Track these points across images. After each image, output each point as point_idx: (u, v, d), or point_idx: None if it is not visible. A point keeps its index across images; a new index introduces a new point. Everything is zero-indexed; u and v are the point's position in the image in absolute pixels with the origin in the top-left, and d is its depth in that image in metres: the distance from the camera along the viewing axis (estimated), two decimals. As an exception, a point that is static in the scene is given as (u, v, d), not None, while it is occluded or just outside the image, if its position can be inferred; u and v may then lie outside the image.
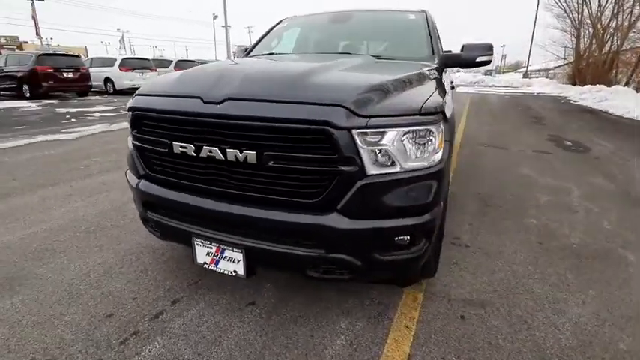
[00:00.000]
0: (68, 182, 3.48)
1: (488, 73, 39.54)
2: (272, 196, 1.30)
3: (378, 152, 1.23)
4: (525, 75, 32.47)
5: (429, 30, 2.33)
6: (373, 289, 1.83)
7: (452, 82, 3.80)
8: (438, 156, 1.36)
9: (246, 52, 2.71)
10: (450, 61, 2.27)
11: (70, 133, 6.01)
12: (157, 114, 1.40)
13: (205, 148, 1.31)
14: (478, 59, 2.27)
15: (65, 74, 10.44)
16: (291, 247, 1.31)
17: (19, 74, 10.42)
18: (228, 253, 1.41)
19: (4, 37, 33.06)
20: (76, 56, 12.35)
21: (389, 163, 1.25)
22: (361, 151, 1.20)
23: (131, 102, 1.52)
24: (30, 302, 1.71)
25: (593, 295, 1.85)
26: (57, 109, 8.95)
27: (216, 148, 1.29)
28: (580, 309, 1.74)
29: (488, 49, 2.31)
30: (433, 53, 2.18)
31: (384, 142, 1.23)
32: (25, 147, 4.96)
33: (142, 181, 1.60)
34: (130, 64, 13.23)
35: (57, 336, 1.50)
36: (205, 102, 1.29)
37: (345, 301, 1.75)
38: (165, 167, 1.49)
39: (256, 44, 2.72)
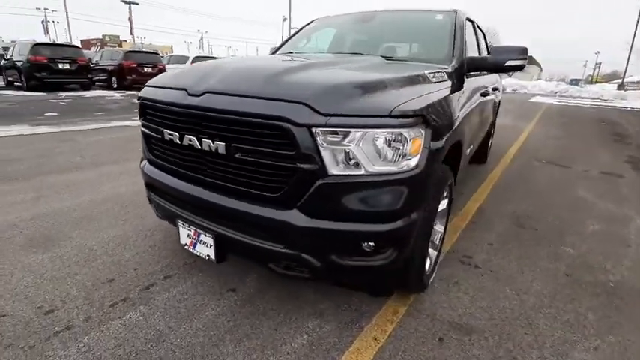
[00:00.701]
0: (124, 162, 3.95)
1: (574, 82, 35.10)
2: (239, 187, 1.35)
3: (340, 152, 1.21)
4: (620, 86, 28.14)
5: (453, 31, 2.18)
6: (354, 295, 1.78)
7: (494, 88, 3.50)
8: (413, 162, 1.28)
9: (274, 51, 2.81)
10: (475, 64, 2.10)
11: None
12: (155, 103, 1.54)
13: (186, 136, 1.41)
14: (508, 63, 2.07)
15: (145, 69, 11.82)
16: (254, 239, 1.35)
17: (110, 68, 12.06)
18: (202, 237, 1.49)
19: (107, 35, 38.41)
20: (155, 53, 13.86)
21: (352, 165, 1.22)
22: (321, 149, 1.18)
23: (140, 92, 1.69)
24: (55, 259, 2.00)
25: (611, 342, 1.57)
26: (134, 100, 10.20)
27: (194, 138, 1.38)
28: (587, 355, 1.49)
29: (521, 52, 2.09)
30: (452, 55, 2.04)
31: (347, 142, 1.19)
32: (98, 130, 5.75)
33: (146, 164, 1.77)
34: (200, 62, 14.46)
35: (64, 291, 1.74)
36: (189, 94, 1.39)
37: (321, 302, 1.73)
38: (160, 152, 1.63)
39: (283, 44, 2.81)
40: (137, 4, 29.05)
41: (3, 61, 11.85)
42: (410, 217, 1.32)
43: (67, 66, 10.25)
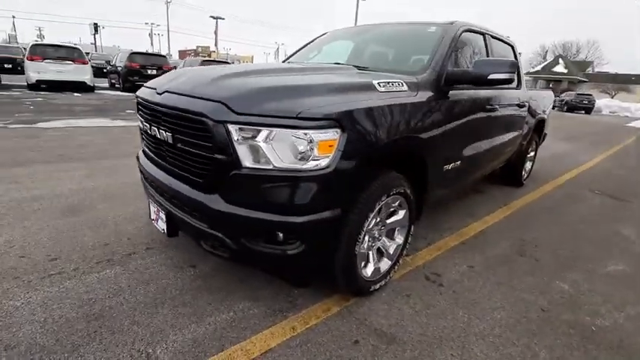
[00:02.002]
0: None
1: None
2: (181, 172, 1.59)
3: (252, 148, 1.36)
4: None
5: (438, 43, 2.16)
6: (296, 290, 1.87)
7: (520, 105, 3.25)
8: (323, 162, 1.37)
9: (285, 59, 3.06)
10: (455, 77, 2.06)
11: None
12: (140, 100, 1.87)
13: (153, 127, 1.70)
14: (490, 77, 2.00)
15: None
16: (189, 217, 1.56)
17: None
18: (161, 214, 1.76)
19: (200, 46, 43.54)
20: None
21: (262, 160, 1.36)
22: (236, 144, 1.35)
23: (137, 92, 2.05)
24: (77, 223, 2.48)
25: (544, 383, 1.41)
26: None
27: (156, 129, 1.66)
28: (505, 388, 1.37)
29: (508, 66, 1.99)
30: (428, 67, 2.03)
31: (258, 139, 1.34)
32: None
33: (140, 152, 2.12)
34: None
35: (71, 247, 2.16)
36: (157, 93, 1.68)
37: (262, 289, 1.87)
38: (144, 141, 1.96)
39: (294, 53, 3.04)
40: (223, 19, 32.67)
41: (108, 66, 14.42)
42: (320, 214, 1.41)
43: (154, 71, 11.97)
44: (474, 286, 2.09)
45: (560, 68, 40.77)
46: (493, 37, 2.88)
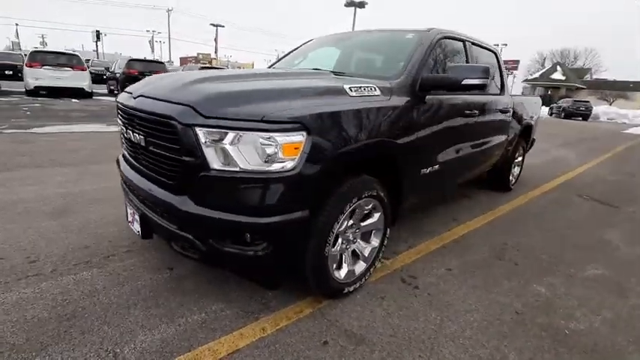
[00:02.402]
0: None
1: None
2: (153, 174, 1.62)
3: (220, 150, 1.39)
4: None
5: (414, 49, 2.20)
6: (270, 292, 1.89)
7: (503, 111, 3.29)
8: (289, 164, 1.40)
9: (270, 65, 3.12)
10: (430, 82, 2.10)
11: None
12: (119, 104, 1.90)
13: (128, 130, 1.73)
14: (465, 82, 2.03)
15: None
16: (159, 218, 1.58)
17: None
18: (135, 216, 1.78)
19: (201, 54, 44.01)
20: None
21: (229, 162, 1.39)
22: (204, 146, 1.38)
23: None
24: (60, 226, 2.50)
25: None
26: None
27: (131, 131, 1.69)
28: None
29: (482, 72, 2.03)
30: (402, 72, 2.07)
31: (225, 141, 1.37)
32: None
33: (120, 156, 2.15)
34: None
35: (51, 249, 2.18)
36: (132, 97, 1.72)
37: (238, 291, 1.88)
38: (123, 144, 1.99)
39: (277, 61, 3.09)
40: (223, 26, 33.11)
41: (107, 73, 14.59)
42: (286, 215, 1.43)
43: (153, 78, 12.12)
44: (450, 288, 2.10)
45: (558, 75, 41.04)
46: (474, 44, 2.93)
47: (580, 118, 24.61)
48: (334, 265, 1.77)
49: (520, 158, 4.42)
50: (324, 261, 1.66)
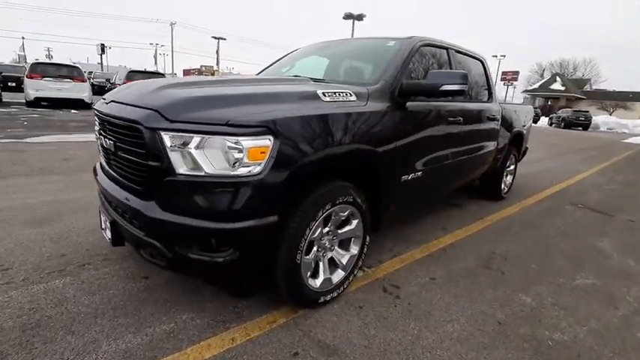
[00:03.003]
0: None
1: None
2: (122, 179, 1.60)
3: (185, 154, 1.37)
4: None
5: (394, 56, 2.20)
6: (244, 302, 1.84)
7: (490, 118, 3.28)
8: (255, 169, 1.37)
9: (259, 72, 3.13)
10: (409, 88, 2.09)
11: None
12: (94, 110, 1.90)
13: (101, 135, 1.72)
14: (443, 88, 2.02)
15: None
16: (128, 224, 1.56)
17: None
18: (107, 222, 1.75)
19: (204, 66, 44.67)
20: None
21: (194, 166, 1.37)
22: (169, 151, 1.36)
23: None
24: (39, 234, 2.47)
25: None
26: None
27: (103, 137, 1.68)
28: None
29: (460, 77, 2.02)
30: (380, 78, 2.06)
31: (190, 146, 1.36)
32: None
33: (97, 163, 2.14)
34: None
35: (26, 257, 2.15)
36: (105, 102, 1.71)
37: (212, 300, 1.83)
38: (99, 150, 1.98)
39: (264, 69, 3.10)
40: (224, 39, 33.68)
41: (108, 84, 14.85)
42: (253, 220, 1.40)
43: (152, 89, 12.29)
44: (432, 298, 2.04)
45: (557, 86, 41.28)
46: (458, 51, 2.93)
47: (580, 128, 24.61)
48: (308, 273, 1.73)
49: (512, 167, 4.38)
50: (296, 268, 1.62)
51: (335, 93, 1.77)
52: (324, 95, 1.71)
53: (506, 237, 3.11)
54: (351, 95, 1.83)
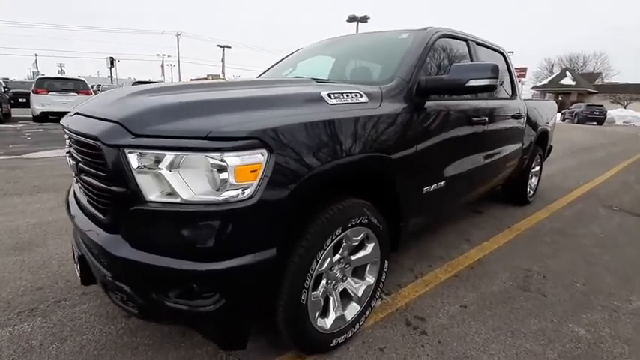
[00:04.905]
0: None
1: None
2: (88, 206, 1.32)
3: (157, 177, 1.09)
4: None
5: (410, 50, 1.90)
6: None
7: (515, 116, 2.94)
8: (245, 192, 1.08)
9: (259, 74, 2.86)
10: (429, 85, 1.78)
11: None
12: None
13: (67, 154, 1.45)
14: (470, 83, 1.71)
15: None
16: (96, 261, 1.28)
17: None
18: (76, 257, 1.48)
19: (210, 74, 45.12)
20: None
21: (168, 191, 1.08)
22: (134, 172, 1.08)
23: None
24: (17, 263, 2.22)
25: None
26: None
27: (67, 155, 1.42)
28: None
29: (490, 70, 1.71)
30: (395, 77, 1.76)
31: (162, 165, 1.07)
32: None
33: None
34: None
35: (1, 291, 1.90)
36: (70, 115, 1.45)
37: (201, 346, 1.54)
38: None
39: (263, 72, 2.83)
40: (229, 47, 33.80)
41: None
42: (244, 257, 1.11)
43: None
44: (465, 333, 1.71)
45: (567, 80, 40.24)
46: (479, 43, 2.62)
47: (594, 123, 23.80)
48: (317, 313, 1.42)
49: (537, 168, 4.01)
50: (303, 310, 1.32)
51: (343, 94, 1.47)
52: (330, 97, 1.42)
53: (540, 249, 2.75)
54: (361, 96, 1.53)
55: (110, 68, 38.21)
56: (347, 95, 1.48)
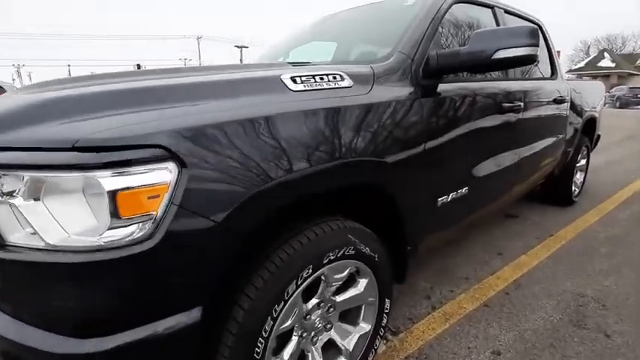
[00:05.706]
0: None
1: None
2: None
3: (13, 210, 0.72)
4: None
5: (415, 18, 1.44)
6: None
7: (558, 101, 2.40)
8: (142, 229, 0.70)
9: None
10: (442, 62, 1.32)
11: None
12: None
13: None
14: (497, 55, 1.24)
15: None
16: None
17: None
18: None
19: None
20: None
21: (31, 232, 0.72)
22: (-16, 203, 0.73)
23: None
24: None
25: None
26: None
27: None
28: None
29: (526, 35, 1.23)
30: (394, 52, 1.31)
31: (17, 194, 0.71)
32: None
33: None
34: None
35: None
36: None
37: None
38: None
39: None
40: (247, 47, 33.89)
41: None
42: (143, 328, 0.72)
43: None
44: (500, 398, 1.26)
45: (606, 62, 37.25)
46: (508, 11, 2.10)
47: (639, 107, 21.77)
48: (282, 386, 1.02)
49: (583, 161, 3.39)
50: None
51: (315, 77, 1.05)
52: (295, 82, 1.00)
53: (594, 265, 2.20)
54: (342, 79, 1.11)
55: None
56: (320, 79, 1.06)
